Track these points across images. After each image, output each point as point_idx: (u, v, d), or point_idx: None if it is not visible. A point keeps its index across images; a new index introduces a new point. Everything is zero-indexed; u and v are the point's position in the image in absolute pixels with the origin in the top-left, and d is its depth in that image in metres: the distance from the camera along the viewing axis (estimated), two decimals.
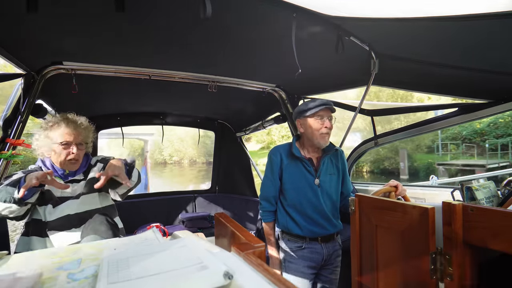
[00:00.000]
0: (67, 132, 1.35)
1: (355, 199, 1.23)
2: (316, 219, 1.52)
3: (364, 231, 1.19)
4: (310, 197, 1.53)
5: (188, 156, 33.35)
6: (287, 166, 1.56)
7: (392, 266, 1.07)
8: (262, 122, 3.08)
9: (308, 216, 1.52)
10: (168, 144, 31.71)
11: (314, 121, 1.52)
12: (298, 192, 1.54)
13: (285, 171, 1.56)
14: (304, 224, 1.52)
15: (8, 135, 1.58)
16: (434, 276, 0.92)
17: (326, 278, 1.58)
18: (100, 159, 1.51)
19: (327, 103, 1.52)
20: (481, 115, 1.63)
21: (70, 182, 1.37)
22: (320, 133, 1.51)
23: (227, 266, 0.53)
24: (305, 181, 1.54)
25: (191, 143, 31.58)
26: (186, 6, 1.17)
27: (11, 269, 0.62)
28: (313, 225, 1.52)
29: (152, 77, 1.94)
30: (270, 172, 1.59)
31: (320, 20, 1.28)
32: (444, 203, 0.91)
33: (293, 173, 1.55)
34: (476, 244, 0.85)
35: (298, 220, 1.53)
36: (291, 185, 1.55)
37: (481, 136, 17.66)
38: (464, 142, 18.42)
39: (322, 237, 1.54)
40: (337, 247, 1.60)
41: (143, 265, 0.57)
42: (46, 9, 1.08)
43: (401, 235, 1.03)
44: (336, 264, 1.60)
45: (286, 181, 1.56)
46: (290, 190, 1.55)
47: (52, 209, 1.25)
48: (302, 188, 1.54)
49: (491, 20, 0.98)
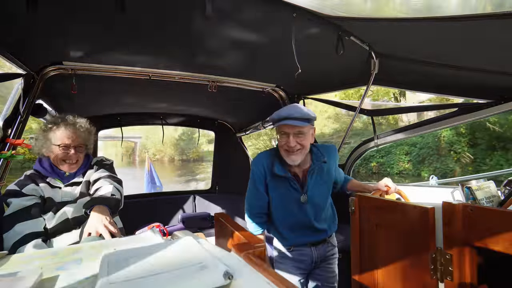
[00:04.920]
0: (66, 135, 1.35)
1: (355, 199, 1.23)
2: (304, 232, 1.44)
3: (364, 231, 1.19)
4: (296, 213, 1.42)
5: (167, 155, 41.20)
6: (271, 182, 1.42)
7: (392, 266, 1.07)
8: (262, 122, 3.08)
9: (295, 230, 1.45)
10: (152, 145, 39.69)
11: (280, 136, 1.35)
12: (284, 209, 1.44)
13: (269, 186, 1.43)
14: (291, 236, 1.45)
15: (8, 135, 1.58)
16: (434, 276, 0.92)
17: (320, 276, 1.51)
18: (97, 161, 1.49)
19: (288, 116, 1.28)
20: (481, 115, 1.63)
21: (70, 185, 1.36)
22: (284, 150, 1.35)
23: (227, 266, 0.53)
24: (291, 199, 1.41)
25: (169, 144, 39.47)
26: (186, 6, 1.17)
27: (11, 269, 0.62)
28: (301, 236, 1.45)
29: (152, 77, 1.94)
30: (253, 187, 1.45)
31: (320, 20, 1.28)
32: (444, 203, 0.91)
33: (277, 190, 1.43)
34: (476, 244, 0.85)
35: (286, 234, 1.46)
36: (275, 202, 1.44)
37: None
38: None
39: (311, 243, 1.47)
40: (329, 247, 1.52)
41: (143, 265, 0.57)
42: (46, 9, 1.08)
43: (401, 235, 1.03)
44: (330, 261, 1.52)
45: (271, 197, 1.45)
46: (275, 206, 1.45)
47: (52, 215, 1.25)
48: (288, 206, 1.42)
49: (491, 20, 0.98)
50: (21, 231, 1.14)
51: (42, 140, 1.36)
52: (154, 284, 0.50)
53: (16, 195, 1.23)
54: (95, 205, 1.16)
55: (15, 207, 1.20)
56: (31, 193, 1.25)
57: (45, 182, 1.32)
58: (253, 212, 1.48)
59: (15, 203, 1.21)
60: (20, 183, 1.27)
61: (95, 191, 1.30)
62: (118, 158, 41.77)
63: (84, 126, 1.44)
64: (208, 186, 3.70)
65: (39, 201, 1.26)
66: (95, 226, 1.06)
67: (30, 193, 1.25)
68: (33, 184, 1.28)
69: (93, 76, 1.85)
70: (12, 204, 1.21)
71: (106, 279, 0.51)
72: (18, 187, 1.25)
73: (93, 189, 1.33)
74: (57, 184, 1.34)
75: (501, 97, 1.50)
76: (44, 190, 1.29)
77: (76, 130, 1.38)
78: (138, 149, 40.29)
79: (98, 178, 1.36)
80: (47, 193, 1.29)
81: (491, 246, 0.81)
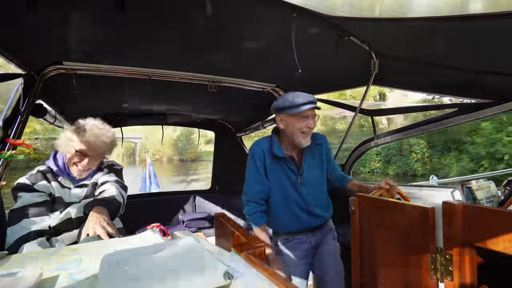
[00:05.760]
0: (87, 144, 1.32)
1: (355, 199, 1.23)
2: (301, 215, 1.50)
3: (364, 231, 1.19)
4: (294, 196, 1.49)
5: (166, 155, 42.58)
6: (269, 165, 1.50)
7: (392, 266, 1.07)
8: (262, 122, 3.08)
9: (293, 213, 1.50)
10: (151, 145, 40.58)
11: (298, 120, 1.43)
12: (282, 191, 1.50)
13: (268, 169, 1.50)
14: (288, 221, 1.50)
15: (8, 135, 1.57)
16: (434, 276, 0.92)
17: (322, 255, 1.56)
18: (108, 165, 1.49)
19: (313, 101, 1.43)
20: (481, 115, 1.63)
21: (79, 186, 1.36)
22: (302, 132, 1.44)
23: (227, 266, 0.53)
24: (288, 181, 1.50)
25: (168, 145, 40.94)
26: (186, 6, 1.17)
27: (11, 269, 0.62)
28: (298, 221, 1.51)
29: (152, 77, 1.94)
30: (254, 169, 1.51)
31: (320, 20, 1.28)
32: (444, 203, 0.91)
33: (276, 172, 1.50)
34: (476, 244, 0.85)
35: (283, 218, 1.51)
36: (274, 184, 1.51)
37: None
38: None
39: (308, 228, 1.53)
40: (326, 230, 1.58)
41: (143, 265, 0.57)
42: (46, 9, 1.08)
43: (401, 235, 1.03)
44: (328, 241, 1.57)
45: (269, 181, 1.51)
46: (273, 189, 1.51)
47: (58, 215, 1.25)
48: (286, 187, 1.50)
49: (491, 20, 0.98)
50: (27, 227, 1.14)
51: (65, 138, 1.35)
52: (154, 284, 0.50)
53: (28, 190, 1.22)
54: (95, 206, 1.16)
55: (24, 202, 1.20)
56: (42, 190, 1.25)
57: (57, 181, 1.32)
58: (254, 198, 1.50)
59: (26, 198, 1.20)
60: (32, 178, 1.27)
61: (100, 193, 1.31)
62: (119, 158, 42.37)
63: (107, 137, 1.40)
64: (206, 184, 3.70)
65: (48, 199, 1.26)
66: (93, 227, 1.06)
67: (41, 190, 1.25)
68: (45, 181, 1.28)
69: (93, 76, 1.85)
70: (22, 198, 1.20)
71: (106, 279, 0.51)
72: (30, 182, 1.25)
73: (99, 191, 1.33)
74: (67, 184, 1.34)
75: (501, 97, 1.50)
76: (55, 189, 1.29)
77: (100, 140, 1.35)
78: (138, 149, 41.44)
79: (105, 181, 1.36)
80: (57, 192, 1.30)
81: (491, 246, 0.81)
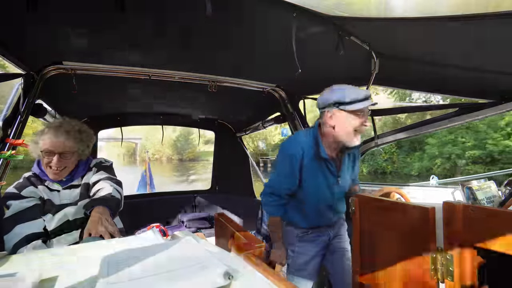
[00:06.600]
0: (50, 141, 1.28)
1: (355, 199, 1.23)
2: (326, 213, 1.52)
3: (365, 231, 1.19)
4: (328, 196, 1.48)
5: (165, 155, 44.66)
6: (307, 165, 1.41)
7: (392, 266, 1.07)
8: (262, 122, 3.08)
9: (321, 211, 1.51)
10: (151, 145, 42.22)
11: (354, 117, 1.32)
12: (317, 192, 1.46)
13: (305, 169, 1.41)
14: (316, 218, 1.51)
15: (8, 135, 1.57)
16: (435, 276, 0.92)
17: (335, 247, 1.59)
18: (96, 163, 1.46)
19: (370, 96, 1.31)
20: (481, 115, 1.63)
21: (68, 187, 1.35)
22: (356, 130, 1.34)
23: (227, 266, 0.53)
24: (325, 182, 1.45)
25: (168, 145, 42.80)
26: (186, 6, 1.17)
27: (11, 270, 0.62)
28: (324, 218, 1.52)
29: (152, 77, 1.94)
30: (289, 167, 1.41)
31: (320, 20, 1.27)
32: (444, 203, 0.91)
33: (314, 172, 1.42)
34: (476, 244, 0.85)
35: (312, 216, 1.50)
36: (310, 184, 1.44)
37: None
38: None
39: (329, 224, 1.56)
40: (341, 221, 1.62)
41: (143, 265, 0.57)
42: (46, 9, 1.08)
43: (402, 235, 1.03)
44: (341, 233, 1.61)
45: (305, 180, 1.43)
46: (309, 189, 1.45)
47: (52, 217, 1.25)
48: (322, 188, 1.45)
49: (491, 20, 0.98)
50: (21, 233, 1.14)
51: (32, 142, 1.33)
52: (154, 284, 0.50)
53: (15, 198, 1.22)
54: (96, 206, 1.16)
55: (14, 209, 1.20)
56: (30, 195, 1.25)
57: (43, 185, 1.31)
58: (280, 193, 1.46)
59: (15, 205, 1.21)
60: (18, 185, 1.27)
61: (95, 193, 1.29)
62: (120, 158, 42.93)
63: (73, 132, 1.34)
64: (205, 182, 3.71)
65: (38, 202, 1.26)
66: (95, 227, 1.06)
67: (29, 195, 1.24)
68: (32, 186, 1.27)
69: (93, 76, 1.84)
70: (12, 206, 1.21)
71: (106, 279, 0.51)
72: (17, 190, 1.25)
73: (93, 191, 1.32)
74: (56, 187, 1.33)
75: (501, 97, 1.50)
76: (43, 193, 1.29)
77: (61, 136, 1.30)
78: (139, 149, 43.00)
79: (97, 180, 1.35)
80: (46, 195, 1.29)
81: (492, 247, 0.81)
